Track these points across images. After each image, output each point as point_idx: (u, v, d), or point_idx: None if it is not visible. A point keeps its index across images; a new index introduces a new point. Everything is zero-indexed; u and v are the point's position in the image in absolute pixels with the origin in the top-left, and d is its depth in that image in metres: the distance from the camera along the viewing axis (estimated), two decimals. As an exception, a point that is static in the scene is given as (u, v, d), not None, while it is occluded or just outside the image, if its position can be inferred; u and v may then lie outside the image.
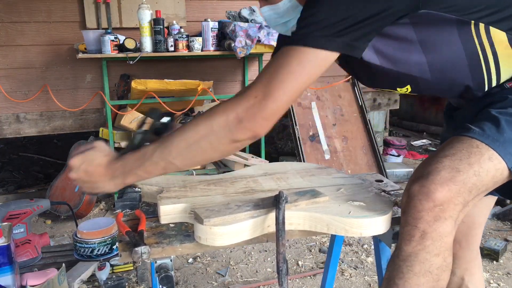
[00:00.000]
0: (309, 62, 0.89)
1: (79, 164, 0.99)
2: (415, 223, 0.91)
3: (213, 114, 0.91)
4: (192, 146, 0.91)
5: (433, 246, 0.91)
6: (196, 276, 2.20)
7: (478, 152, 0.94)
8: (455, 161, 0.93)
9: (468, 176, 0.91)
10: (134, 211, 1.11)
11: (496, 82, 1.04)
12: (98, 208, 3.08)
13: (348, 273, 2.20)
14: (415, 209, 0.91)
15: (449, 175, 0.91)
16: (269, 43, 2.95)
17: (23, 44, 3.04)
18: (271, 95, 0.87)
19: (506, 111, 1.00)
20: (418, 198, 0.90)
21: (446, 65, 1.02)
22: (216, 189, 1.15)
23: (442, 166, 0.92)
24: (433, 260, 0.92)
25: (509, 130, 0.96)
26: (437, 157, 0.95)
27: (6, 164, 4.03)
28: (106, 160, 0.99)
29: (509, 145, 0.95)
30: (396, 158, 3.90)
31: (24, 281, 1.60)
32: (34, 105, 3.13)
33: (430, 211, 0.89)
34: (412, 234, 0.92)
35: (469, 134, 0.97)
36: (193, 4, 3.33)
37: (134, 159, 0.96)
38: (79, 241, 1.84)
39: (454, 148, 0.96)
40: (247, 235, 0.95)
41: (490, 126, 0.97)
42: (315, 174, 1.29)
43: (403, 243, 0.93)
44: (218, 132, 0.90)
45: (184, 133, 0.92)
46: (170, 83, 2.92)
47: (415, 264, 0.92)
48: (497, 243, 2.36)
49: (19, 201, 1.88)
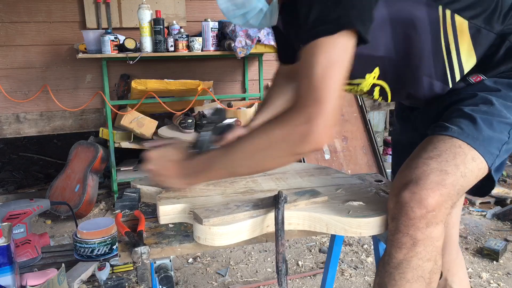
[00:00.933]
0: (340, 49, 0.86)
1: (157, 158, 1.05)
2: (406, 230, 0.89)
3: (270, 126, 0.90)
4: (253, 159, 0.93)
5: (425, 252, 0.90)
6: (196, 276, 2.20)
7: (461, 152, 0.93)
8: (442, 162, 0.91)
9: (456, 178, 0.91)
10: (133, 212, 1.11)
11: (459, 74, 1.04)
12: (98, 208, 3.08)
13: (348, 273, 2.20)
14: (406, 216, 0.89)
15: (438, 178, 0.89)
16: (269, 43, 2.95)
17: (23, 44, 3.04)
18: (321, 100, 0.84)
19: (479, 108, 0.99)
20: (410, 205, 0.88)
21: (412, 49, 1.01)
22: (215, 189, 1.15)
23: (430, 169, 0.91)
24: (425, 265, 0.91)
25: (486, 128, 0.96)
26: (422, 159, 0.93)
27: (6, 164, 4.04)
28: (179, 159, 1.05)
29: (488, 143, 0.95)
30: (396, 158, 3.90)
31: (24, 281, 1.60)
32: (34, 105, 3.13)
33: (423, 218, 0.88)
34: (404, 242, 0.90)
35: (448, 133, 0.96)
36: (193, 4, 3.33)
37: (201, 163, 1.01)
38: (79, 241, 1.84)
39: (437, 149, 0.94)
40: (246, 235, 0.95)
41: (468, 124, 0.96)
42: (315, 174, 1.29)
43: (393, 250, 0.92)
44: (278, 145, 0.89)
45: (245, 145, 0.93)
46: (170, 83, 2.92)
47: (408, 271, 0.91)
48: (497, 243, 2.35)
49: (19, 201, 1.88)
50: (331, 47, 0.85)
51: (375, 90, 1.12)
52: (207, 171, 1.00)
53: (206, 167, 0.99)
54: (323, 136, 0.85)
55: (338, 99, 0.85)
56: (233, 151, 0.95)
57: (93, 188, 2.95)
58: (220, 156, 0.97)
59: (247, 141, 0.93)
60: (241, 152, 0.93)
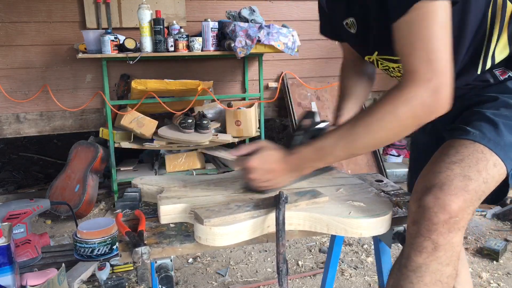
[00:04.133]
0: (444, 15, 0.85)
1: (259, 164, 1.05)
2: (428, 234, 0.89)
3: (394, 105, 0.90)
4: (377, 138, 0.94)
5: (445, 257, 0.90)
6: (196, 276, 2.20)
7: (484, 158, 0.93)
8: (465, 168, 0.91)
9: (478, 184, 0.90)
10: (134, 211, 1.11)
11: (490, 63, 1.03)
12: (98, 208, 3.08)
13: (348, 273, 2.20)
14: (430, 221, 0.88)
15: (462, 183, 0.89)
16: (269, 43, 2.95)
17: (23, 44, 3.04)
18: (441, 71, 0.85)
19: (500, 112, 0.99)
20: (433, 210, 0.88)
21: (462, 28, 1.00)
22: (216, 189, 1.15)
23: (454, 174, 0.90)
24: (444, 270, 0.91)
25: (508, 134, 0.95)
26: (445, 163, 0.93)
27: (6, 164, 4.03)
28: (281, 155, 1.06)
29: (510, 149, 0.95)
30: (396, 158, 3.90)
31: (24, 281, 1.60)
32: (34, 105, 3.13)
33: (446, 223, 0.88)
34: (425, 246, 0.90)
35: (470, 138, 0.95)
36: (193, 4, 3.33)
37: (310, 153, 1.02)
38: (79, 241, 1.84)
39: (460, 153, 0.94)
40: (247, 236, 0.95)
41: (489, 128, 0.96)
42: (315, 174, 1.28)
43: (413, 253, 0.92)
44: (405, 121, 0.90)
45: (368, 126, 0.93)
46: (170, 83, 2.92)
47: (426, 275, 0.91)
48: (497, 243, 2.36)
49: (19, 201, 1.88)
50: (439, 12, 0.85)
51: None
52: (318, 160, 1.02)
53: (321, 155, 1.00)
54: (448, 104, 0.88)
55: (451, 70, 0.87)
56: (355, 134, 0.95)
57: (93, 188, 2.95)
58: (337, 141, 0.97)
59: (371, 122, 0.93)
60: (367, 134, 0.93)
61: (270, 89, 3.62)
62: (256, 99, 3.45)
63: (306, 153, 1.03)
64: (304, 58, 3.60)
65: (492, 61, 1.03)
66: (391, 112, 0.90)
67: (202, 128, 3.11)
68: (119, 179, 3.09)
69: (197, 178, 1.25)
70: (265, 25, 2.97)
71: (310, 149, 1.02)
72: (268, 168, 1.05)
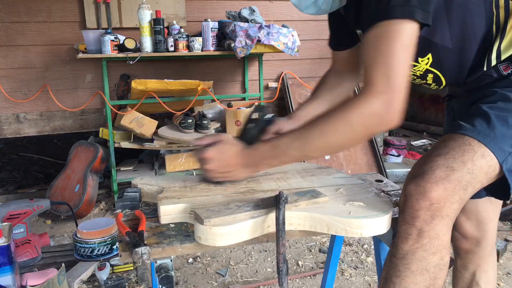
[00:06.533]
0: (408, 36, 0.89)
1: (215, 156, 1.08)
2: (412, 221, 0.92)
3: (348, 111, 0.93)
4: (330, 142, 0.97)
5: (430, 245, 0.92)
6: (196, 276, 2.20)
7: (471, 149, 0.95)
8: (449, 159, 0.94)
9: (462, 174, 0.92)
10: (134, 212, 1.11)
11: (496, 60, 1.04)
12: (98, 208, 3.08)
13: (348, 273, 2.20)
14: (412, 208, 0.92)
15: (444, 173, 0.92)
16: (269, 43, 2.95)
17: (23, 44, 3.04)
18: (396, 86, 0.89)
19: (496, 105, 1.00)
20: (415, 197, 0.92)
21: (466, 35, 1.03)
22: (216, 189, 1.15)
23: (437, 165, 0.94)
24: (430, 258, 0.92)
25: (499, 125, 0.97)
26: (431, 156, 0.97)
27: (6, 164, 4.03)
28: (238, 150, 1.08)
29: (501, 140, 0.96)
30: (396, 158, 3.90)
31: (24, 281, 1.60)
32: (34, 105, 3.13)
33: (427, 209, 0.91)
34: (409, 233, 0.93)
35: (460, 131, 0.98)
36: (193, 4, 3.33)
37: (267, 150, 1.04)
38: (79, 241, 1.84)
39: (447, 147, 0.97)
40: (247, 236, 0.95)
41: (481, 121, 0.98)
42: (315, 174, 1.29)
43: (400, 241, 0.94)
44: (357, 128, 0.94)
45: (322, 129, 0.96)
46: (170, 83, 2.92)
47: (412, 262, 0.93)
48: (497, 243, 2.36)
49: (19, 201, 1.88)
50: (404, 32, 0.89)
51: (428, 76, 1.14)
52: (273, 158, 1.04)
53: (276, 152, 1.02)
54: (398, 119, 0.92)
55: (406, 87, 0.91)
56: (309, 135, 0.98)
57: (93, 188, 2.95)
58: (292, 141, 1.00)
59: (324, 125, 0.96)
60: (320, 136, 0.96)
61: (270, 89, 3.62)
62: (256, 99, 3.45)
63: (262, 150, 1.05)
64: (304, 58, 3.60)
65: (498, 58, 1.05)
66: (344, 118, 0.94)
67: (202, 128, 3.11)
68: (119, 179, 3.09)
69: (197, 178, 1.25)
70: (265, 25, 2.98)
71: (266, 146, 1.05)
72: (224, 160, 1.08)
